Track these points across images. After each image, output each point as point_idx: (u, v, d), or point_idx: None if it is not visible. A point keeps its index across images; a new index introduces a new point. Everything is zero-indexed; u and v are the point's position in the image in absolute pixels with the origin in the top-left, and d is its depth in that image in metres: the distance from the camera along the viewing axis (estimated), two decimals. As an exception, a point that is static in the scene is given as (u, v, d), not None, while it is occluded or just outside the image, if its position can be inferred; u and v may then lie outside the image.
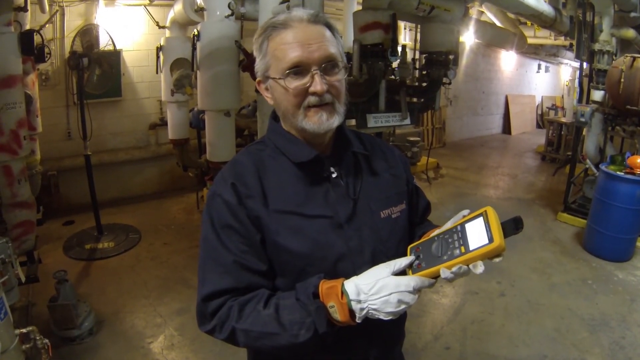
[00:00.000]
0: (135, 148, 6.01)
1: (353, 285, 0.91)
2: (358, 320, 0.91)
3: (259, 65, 1.04)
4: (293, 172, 1.05)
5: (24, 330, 2.09)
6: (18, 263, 2.46)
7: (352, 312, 0.91)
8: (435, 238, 0.95)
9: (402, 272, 0.94)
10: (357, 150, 1.12)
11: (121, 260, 4.27)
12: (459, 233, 0.91)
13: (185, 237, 4.84)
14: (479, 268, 0.87)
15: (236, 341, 0.97)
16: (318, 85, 0.96)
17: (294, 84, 0.97)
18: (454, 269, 0.88)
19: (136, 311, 3.41)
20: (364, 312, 0.90)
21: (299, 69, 0.97)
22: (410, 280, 0.90)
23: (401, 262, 0.94)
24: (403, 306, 0.89)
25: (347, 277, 0.95)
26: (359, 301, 0.90)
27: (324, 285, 0.93)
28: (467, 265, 0.88)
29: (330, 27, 1.02)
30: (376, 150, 1.19)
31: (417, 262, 0.94)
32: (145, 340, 3.07)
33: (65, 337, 2.95)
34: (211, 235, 1.01)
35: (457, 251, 0.89)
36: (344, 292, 0.91)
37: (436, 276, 0.92)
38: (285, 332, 0.91)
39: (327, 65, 0.98)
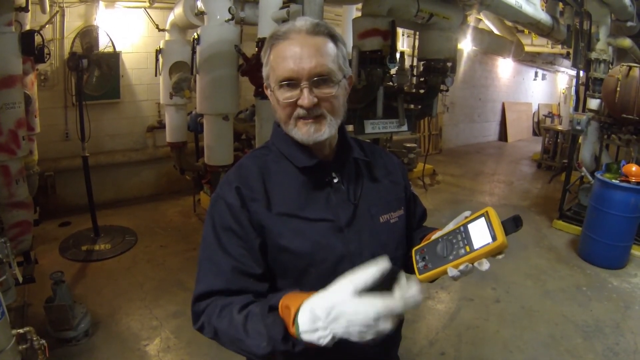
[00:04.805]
0: (132, 150, 6.01)
1: (308, 312, 0.80)
2: (323, 345, 0.79)
3: (264, 72, 1.07)
4: (296, 176, 1.07)
5: (20, 331, 2.08)
6: (16, 263, 2.46)
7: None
8: (439, 240, 0.98)
9: (387, 285, 0.80)
10: (358, 157, 1.15)
11: (117, 262, 4.26)
12: (463, 234, 0.95)
13: (181, 239, 4.84)
14: (485, 265, 0.90)
15: (220, 341, 0.97)
16: (305, 99, 0.98)
17: (285, 95, 1.00)
18: (460, 268, 0.91)
19: (132, 313, 3.40)
20: (327, 339, 0.78)
21: (290, 82, 0.99)
22: (371, 307, 0.75)
23: (366, 277, 0.79)
24: (370, 335, 0.77)
25: None
26: (316, 330, 0.78)
27: (284, 302, 0.86)
28: (473, 264, 0.91)
29: (332, 37, 1.03)
30: (376, 157, 1.22)
31: (423, 263, 0.97)
32: (141, 343, 3.07)
33: (61, 338, 2.94)
34: (211, 236, 1.03)
35: (462, 250, 0.92)
36: (294, 323, 0.81)
37: (441, 276, 0.95)
38: (250, 340, 0.88)
39: (319, 79, 0.99)
